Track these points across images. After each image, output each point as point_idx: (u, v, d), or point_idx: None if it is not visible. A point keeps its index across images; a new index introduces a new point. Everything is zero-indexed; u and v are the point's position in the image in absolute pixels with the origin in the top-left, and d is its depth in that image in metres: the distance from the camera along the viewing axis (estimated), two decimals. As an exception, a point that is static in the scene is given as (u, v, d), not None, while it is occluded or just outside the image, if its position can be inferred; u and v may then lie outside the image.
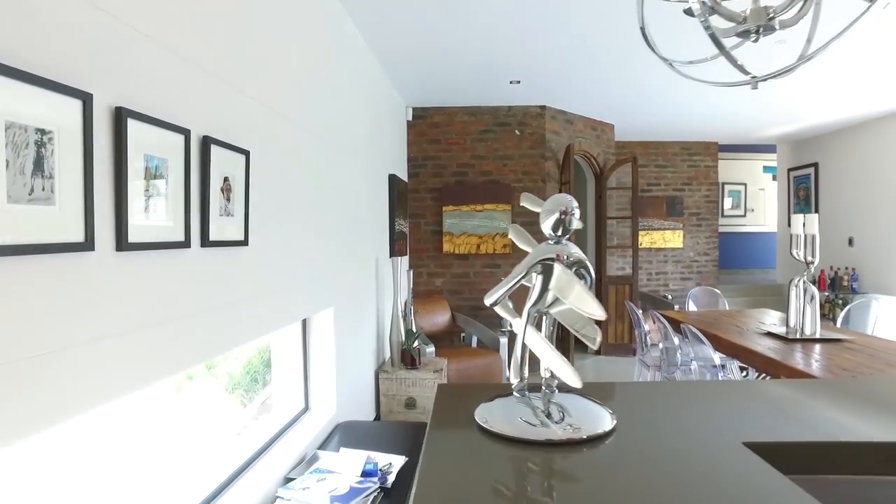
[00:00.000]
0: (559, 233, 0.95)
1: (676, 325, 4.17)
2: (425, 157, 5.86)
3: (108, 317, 1.21)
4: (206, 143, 1.57)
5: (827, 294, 6.89)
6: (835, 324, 5.37)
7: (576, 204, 0.94)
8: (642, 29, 1.28)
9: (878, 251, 6.59)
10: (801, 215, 3.73)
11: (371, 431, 2.95)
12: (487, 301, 1.00)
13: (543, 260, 0.94)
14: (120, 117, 1.21)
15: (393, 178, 4.74)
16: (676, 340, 3.61)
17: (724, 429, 0.98)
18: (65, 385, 1.10)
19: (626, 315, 6.58)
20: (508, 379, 1.07)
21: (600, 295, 6.60)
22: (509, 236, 1.11)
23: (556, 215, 0.94)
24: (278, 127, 2.21)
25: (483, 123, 5.84)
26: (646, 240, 7.99)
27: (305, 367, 2.91)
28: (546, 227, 0.96)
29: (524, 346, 1.01)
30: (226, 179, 1.69)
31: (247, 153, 1.82)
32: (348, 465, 2.26)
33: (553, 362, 0.94)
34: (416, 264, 5.84)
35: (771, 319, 4.22)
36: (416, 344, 4.11)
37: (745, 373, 3.61)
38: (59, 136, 1.06)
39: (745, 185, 9.93)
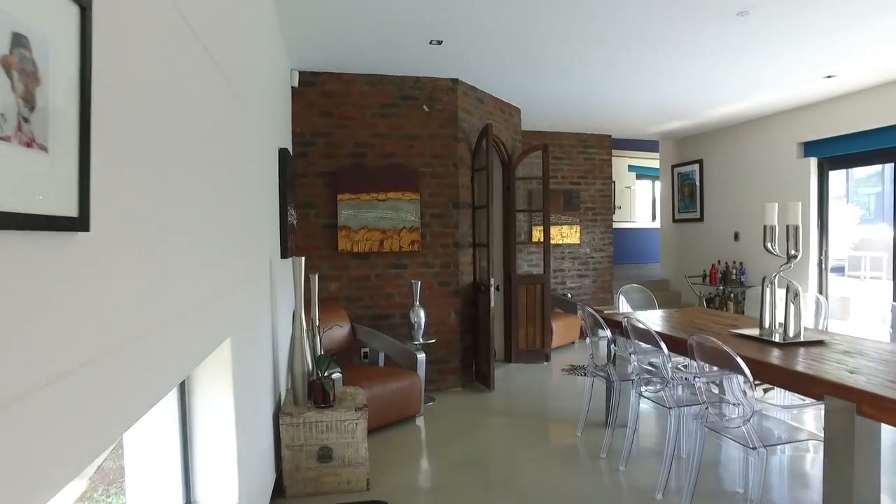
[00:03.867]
0: None
1: (620, 327, 3.60)
2: (315, 133, 4.75)
3: None
4: None
5: (722, 288, 6.95)
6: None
7: None
8: None
9: (760, 245, 6.74)
10: (776, 204, 3.32)
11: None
12: None
13: None
14: None
15: (284, 154, 3.62)
16: (665, 348, 2.99)
17: None
18: None
19: (536, 318, 6.04)
20: None
21: (510, 298, 5.98)
22: None
23: None
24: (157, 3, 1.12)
25: (386, 95, 4.87)
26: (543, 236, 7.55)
27: (186, 438, 1.77)
28: None
29: None
30: (19, 41, 0.61)
31: (85, 4, 0.74)
32: None
33: None
34: (306, 265, 4.70)
35: (727, 320, 3.82)
36: (327, 372, 3.06)
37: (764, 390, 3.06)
38: None
39: (614, 182, 10.05)
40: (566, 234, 7.62)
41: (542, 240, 6.17)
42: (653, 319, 3.87)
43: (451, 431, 3.99)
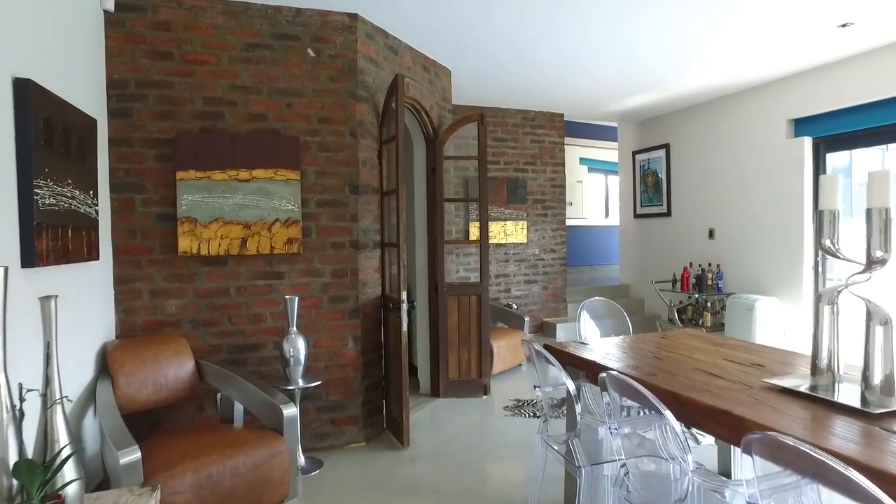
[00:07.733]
0: None
1: (591, 371, 2.31)
2: (144, 81, 3.23)
3: None
4: None
5: (696, 296, 5.79)
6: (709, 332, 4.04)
7: None
8: None
9: (740, 244, 5.65)
10: (838, 177, 2.07)
11: None
12: None
13: None
14: None
15: (27, 90, 2.11)
16: (677, 427, 1.67)
17: None
18: None
19: (472, 339, 4.69)
20: None
21: (437, 312, 4.61)
22: None
23: None
24: None
25: (252, 32, 3.41)
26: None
27: None
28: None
29: None
30: None
31: None
32: None
33: None
34: (130, 276, 3.20)
35: (740, 352, 2.56)
36: (46, 490, 1.58)
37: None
38: None
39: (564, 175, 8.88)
40: (511, 232, 6.33)
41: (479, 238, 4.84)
42: (633, 356, 2.57)
43: (329, 535, 2.57)
